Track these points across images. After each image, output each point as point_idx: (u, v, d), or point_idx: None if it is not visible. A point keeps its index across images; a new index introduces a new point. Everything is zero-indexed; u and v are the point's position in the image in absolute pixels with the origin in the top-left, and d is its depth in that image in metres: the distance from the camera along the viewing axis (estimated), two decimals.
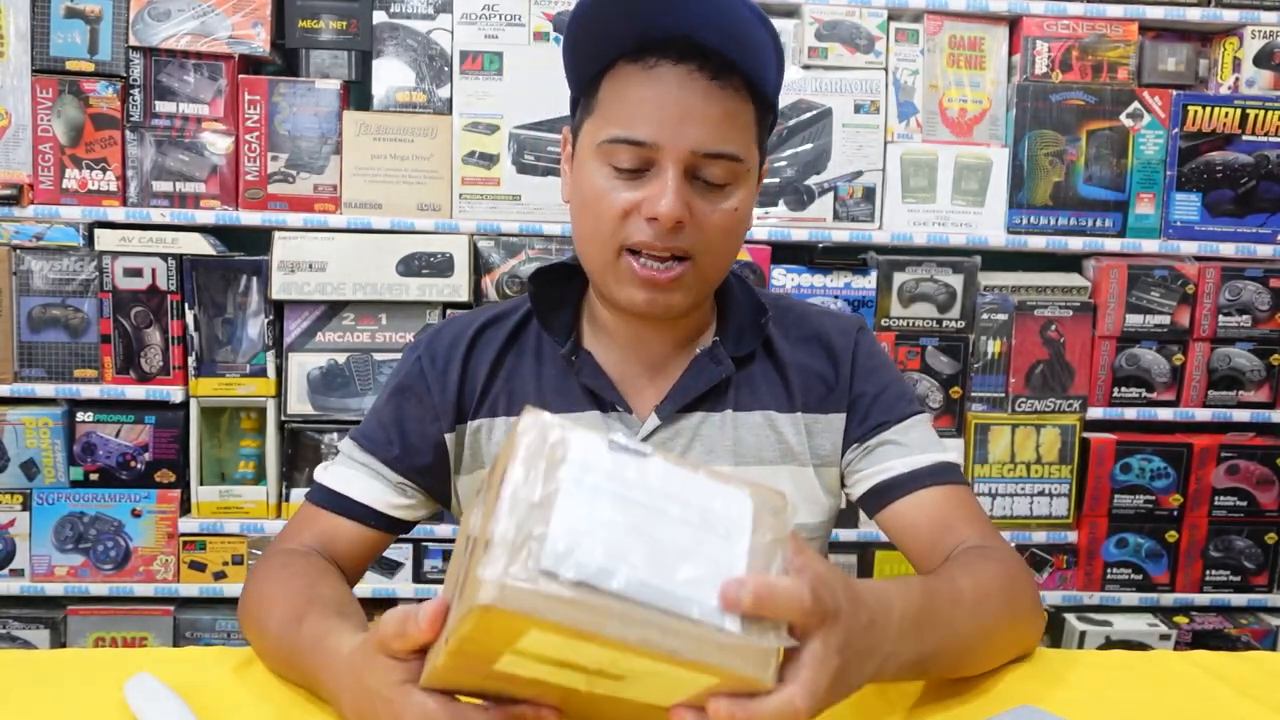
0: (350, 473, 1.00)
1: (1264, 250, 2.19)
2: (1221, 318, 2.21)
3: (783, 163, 2.14)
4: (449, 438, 1.01)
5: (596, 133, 0.91)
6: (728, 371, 0.99)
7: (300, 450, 2.15)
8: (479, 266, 2.12)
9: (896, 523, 0.99)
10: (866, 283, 2.16)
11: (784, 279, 2.14)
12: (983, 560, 0.88)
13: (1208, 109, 2.16)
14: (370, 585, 2.18)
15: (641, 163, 0.88)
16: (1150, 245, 2.20)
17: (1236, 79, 2.20)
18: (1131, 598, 2.27)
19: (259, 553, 2.14)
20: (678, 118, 0.87)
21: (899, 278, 2.16)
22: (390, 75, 2.12)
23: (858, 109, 2.15)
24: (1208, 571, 2.27)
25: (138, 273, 2.07)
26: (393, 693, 0.62)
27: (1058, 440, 2.22)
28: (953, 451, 1.03)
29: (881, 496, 1.00)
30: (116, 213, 2.07)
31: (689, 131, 0.87)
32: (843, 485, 1.05)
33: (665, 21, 0.86)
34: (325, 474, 1.01)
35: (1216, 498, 2.25)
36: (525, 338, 1.04)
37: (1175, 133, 2.17)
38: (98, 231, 2.07)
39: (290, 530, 1.00)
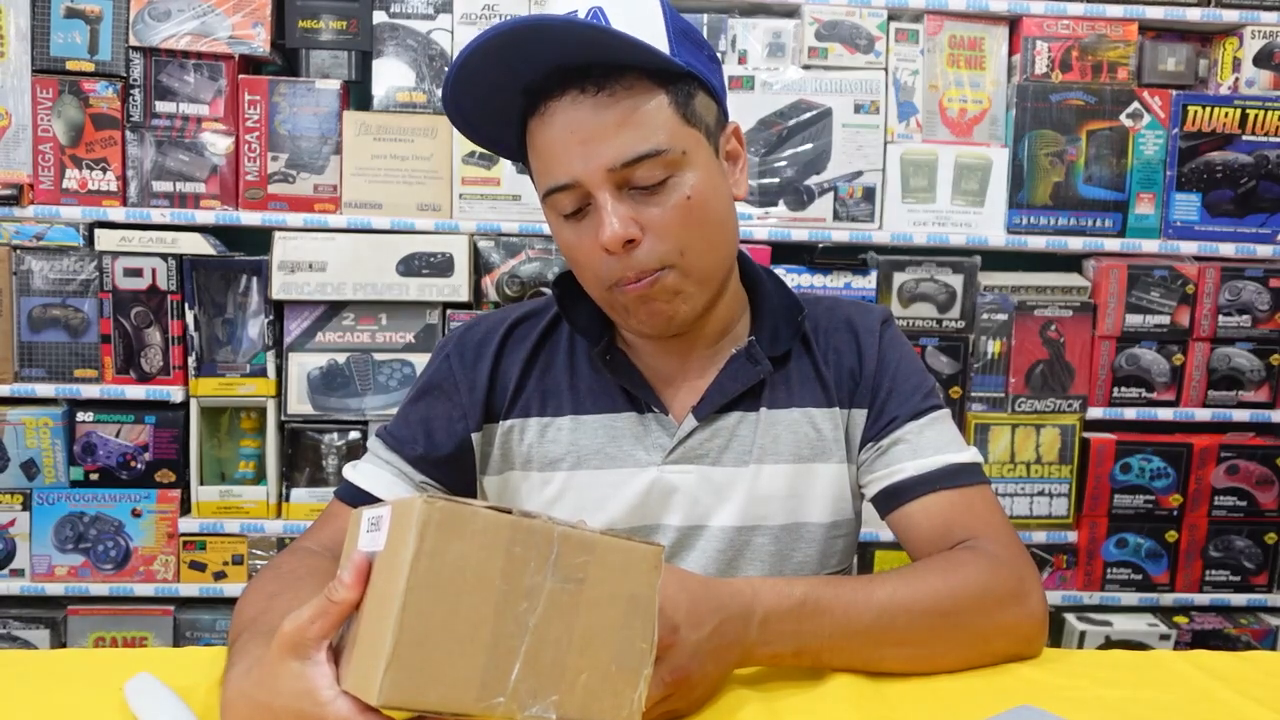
0: (375, 470, 0.99)
1: (1264, 250, 2.19)
2: (1221, 318, 2.20)
3: (783, 163, 2.14)
4: (476, 437, 1.00)
5: (540, 192, 0.92)
6: (765, 372, 0.98)
7: (300, 450, 2.15)
8: (479, 266, 2.12)
9: (901, 527, 0.98)
10: (866, 283, 2.16)
11: (784, 279, 2.13)
12: (944, 562, 0.88)
13: (1207, 109, 2.16)
14: None
15: (579, 202, 0.88)
16: (1150, 245, 2.20)
17: (1236, 79, 2.20)
18: (1131, 598, 2.27)
19: (259, 553, 2.14)
20: (579, 146, 0.85)
21: (899, 278, 2.17)
22: (390, 75, 2.12)
23: (858, 109, 2.15)
24: (1207, 571, 2.27)
25: (138, 273, 2.07)
26: (313, 705, 0.59)
27: (1058, 440, 2.22)
28: (971, 450, 1.00)
29: (890, 500, 0.98)
30: (117, 213, 2.07)
31: (595, 153, 0.85)
32: (860, 484, 1.04)
33: (525, 69, 0.86)
34: (353, 470, 1.01)
35: (1216, 498, 2.25)
36: (558, 337, 1.03)
37: (1175, 133, 2.17)
38: (98, 231, 2.07)
39: (315, 525, 0.99)
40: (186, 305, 2.08)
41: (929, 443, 0.98)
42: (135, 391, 2.09)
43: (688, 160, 0.88)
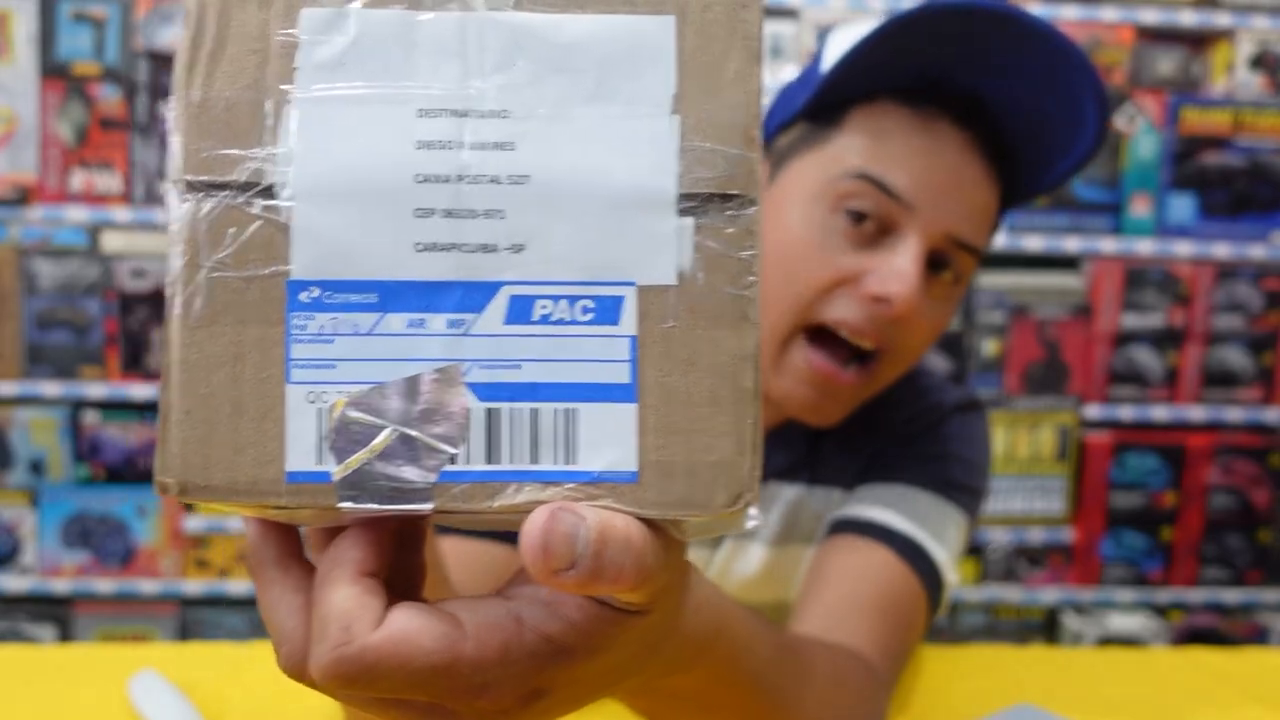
0: None
1: (1257, 251, 2.21)
2: (1216, 318, 2.22)
3: None
4: None
5: (832, 165, 0.70)
6: (802, 447, 0.84)
7: None
8: None
9: (817, 559, 0.76)
10: None
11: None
12: (833, 689, 0.60)
13: (1202, 112, 2.18)
14: None
15: (879, 222, 0.69)
16: (1145, 246, 2.21)
17: (1230, 82, 2.22)
18: (1127, 595, 2.29)
19: None
20: (947, 187, 0.68)
21: None
22: None
23: None
24: (1202, 569, 2.29)
25: (143, 274, 2.08)
26: None
27: (1054, 439, 2.24)
28: (954, 572, 0.77)
29: (826, 529, 0.79)
30: (122, 214, 2.08)
31: (954, 207, 0.69)
32: None
33: (966, 73, 0.68)
34: None
35: (1210, 496, 2.27)
36: None
37: (1170, 135, 2.19)
38: (104, 233, 2.08)
39: None
40: None
41: (913, 507, 0.77)
42: (141, 391, 2.10)
43: (969, 281, 0.75)
